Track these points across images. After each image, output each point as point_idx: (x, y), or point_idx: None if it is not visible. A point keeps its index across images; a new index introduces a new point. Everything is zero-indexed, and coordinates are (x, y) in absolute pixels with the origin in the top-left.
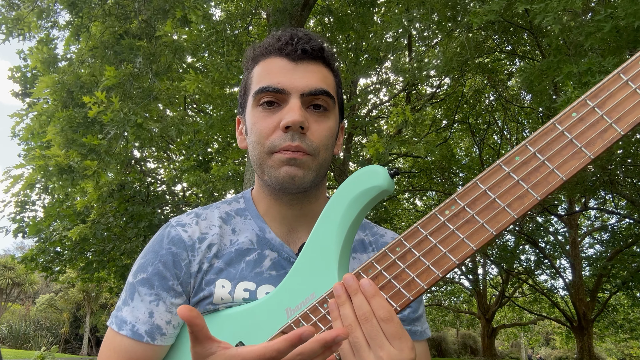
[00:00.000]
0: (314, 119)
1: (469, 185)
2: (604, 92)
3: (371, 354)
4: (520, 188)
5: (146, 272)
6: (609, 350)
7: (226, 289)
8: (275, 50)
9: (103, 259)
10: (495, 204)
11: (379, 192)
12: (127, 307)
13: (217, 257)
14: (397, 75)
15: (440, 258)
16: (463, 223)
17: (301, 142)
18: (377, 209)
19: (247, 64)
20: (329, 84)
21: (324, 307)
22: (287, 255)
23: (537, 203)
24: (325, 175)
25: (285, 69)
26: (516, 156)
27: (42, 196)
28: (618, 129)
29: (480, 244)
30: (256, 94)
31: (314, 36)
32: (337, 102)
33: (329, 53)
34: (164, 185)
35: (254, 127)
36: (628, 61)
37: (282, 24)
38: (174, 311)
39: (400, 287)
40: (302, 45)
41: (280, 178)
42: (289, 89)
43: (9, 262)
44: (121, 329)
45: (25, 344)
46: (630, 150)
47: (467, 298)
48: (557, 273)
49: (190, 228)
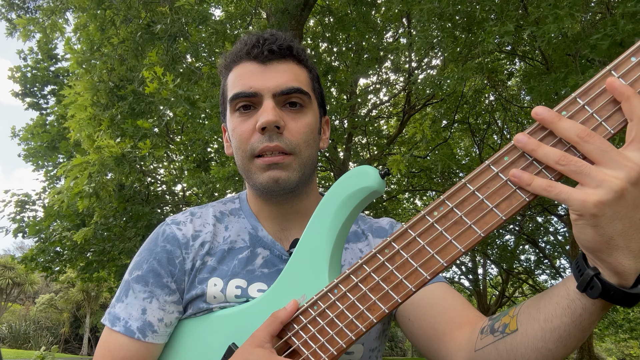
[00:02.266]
0: (291, 116)
1: (457, 185)
2: (592, 91)
3: (604, 168)
4: (509, 189)
5: (141, 269)
6: (609, 350)
7: (218, 287)
8: (243, 55)
9: (103, 259)
10: (484, 204)
11: (369, 193)
12: (121, 303)
13: (210, 254)
14: (397, 75)
15: (428, 260)
16: (451, 224)
17: (279, 141)
18: (377, 209)
19: (221, 72)
20: (302, 81)
21: (313, 309)
22: (278, 252)
23: (526, 204)
24: (314, 172)
25: (256, 72)
26: (505, 156)
27: (41, 196)
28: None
29: (468, 246)
30: (231, 100)
31: (280, 35)
32: (314, 97)
33: (298, 50)
34: (164, 185)
35: (234, 132)
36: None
37: (283, 24)
38: (167, 309)
39: (389, 289)
40: (269, 46)
41: (265, 182)
42: (261, 91)
43: (9, 262)
44: (114, 325)
45: (25, 344)
46: None
47: (467, 298)
48: (557, 273)
49: (185, 226)
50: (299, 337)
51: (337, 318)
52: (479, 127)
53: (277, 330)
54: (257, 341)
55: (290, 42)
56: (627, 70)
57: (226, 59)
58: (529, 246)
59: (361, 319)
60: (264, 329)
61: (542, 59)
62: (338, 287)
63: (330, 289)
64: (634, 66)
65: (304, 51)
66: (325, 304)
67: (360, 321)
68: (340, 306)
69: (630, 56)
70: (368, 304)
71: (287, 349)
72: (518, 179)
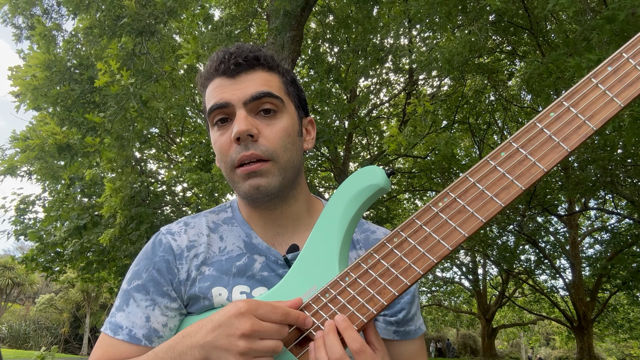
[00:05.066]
0: (265, 123)
1: (460, 179)
2: (578, 94)
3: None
4: (506, 179)
5: (140, 278)
6: (609, 350)
7: (223, 296)
8: (213, 72)
9: (103, 259)
10: (484, 194)
11: (377, 189)
12: (122, 312)
13: (206, 264)
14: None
15: (434, 245)
16: (455, 213)
17: (254, 149)
18: (378, 209)
19: (200, 90)
20: (272, 86)
21: (325, 296)
22: (274, 258)
23: (522, 192)
24: (298, 175)
25: (226, 85)
26: (502, 152)
27: (41, 196)
28: (591, 125)
29: (471, 231)
30: (209, 114)
31: (246, 47)
32: (289, 100)
33: (266, 57)
34: (164, 185)
35: (215, 146)
36: (598, 67)
37: (283, 25)
38: (170, 314)
39: (398, 274)
40: (235, 60)
41: (247, 191)
42: (232, 101)
43: (9, 262)
44: (117, 334)
45: (25, 344)
46: (630, 150)
47: (467, 298)
48: (557, 273)
49: (180, 237)
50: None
51: (349, 303)
52: (479, 127)
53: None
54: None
55: (257, 51)
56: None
57: (200, 77)
58: (529, 246)
59: (372, 302)
60: (256, 300)
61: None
62: (349, 274)
63: (341, 276)
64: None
65: (273, 58)
66: (337, 291)
67: (372, 304)
68: (351, 292)
69: (607, 66)
70: (378, 288)
71: (299, 336)
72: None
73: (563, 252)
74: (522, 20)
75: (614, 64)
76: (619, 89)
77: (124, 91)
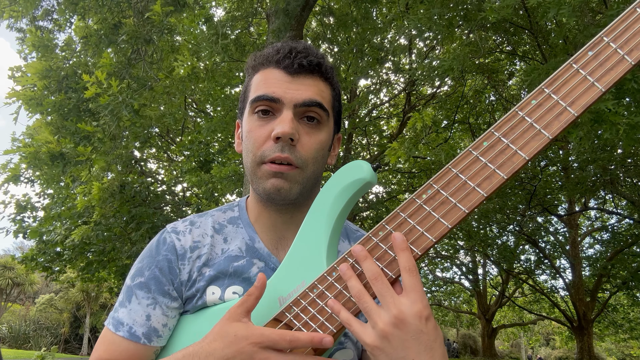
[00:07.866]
0: (306, 130)
1: (443, 170)
2: (558, 80)
3: (381, 311)
4: (488, 169)
5: (143, 276)
6: (609, 350)
7: (216, 295)
8: (273, 62)
9: (103, 259)
10: (467, 185)
11: (363, 184)
12: (124, 309)
13: (207, 265)
14: (397, 76)
15: (418, 237)
16: (438, 204)
17: (290, 153)
18: (378, 209)
19: (248, 70)
20: (324, 97)
21: (313, 292)
22: (273, 265)
23: (504, 182)
24: (316, 186)
25: (282, 81)
26: (484, 141)
27: (41, 196)
28: (572, 111)
29: (454, 222)
30: (252, 102)
31: (312, 51)
32: (332, 115)
33: (327, 67)
34: (164, 185)
35: (249, 135)
36: (578, 52)
37: (283, 25)
38: (170, 314)
39: (383, 267)
40: (300, 59)
41: (267, 189)
42: (283, 99)
43: (9, 262)
44: (118, 330)
45: (25, 344)
46: (630, 150)
47: (467, 298)
48: (557, 273)
49: (184, 237)
50: (299, 318)
51: (336, 297)
52: (479, 127)
53: (252, 305)
54: (235, 316)
55: (321, 58)
56: (585, 61)
57: (255, 59)
58: (529, 246)
59: None
60: (239, 305)
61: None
62: (336, 269)
63: (329, 271)
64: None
65: (333, 69)
66: (324, 285)
67: None
68: (338, 287)
69: (588, 50)
70: (364, 282)
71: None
72: (331, 308)
73: (563, 252)
74: (522, 20)
75: (595, 48)
76: (600, 73)
77: (115, 100)
